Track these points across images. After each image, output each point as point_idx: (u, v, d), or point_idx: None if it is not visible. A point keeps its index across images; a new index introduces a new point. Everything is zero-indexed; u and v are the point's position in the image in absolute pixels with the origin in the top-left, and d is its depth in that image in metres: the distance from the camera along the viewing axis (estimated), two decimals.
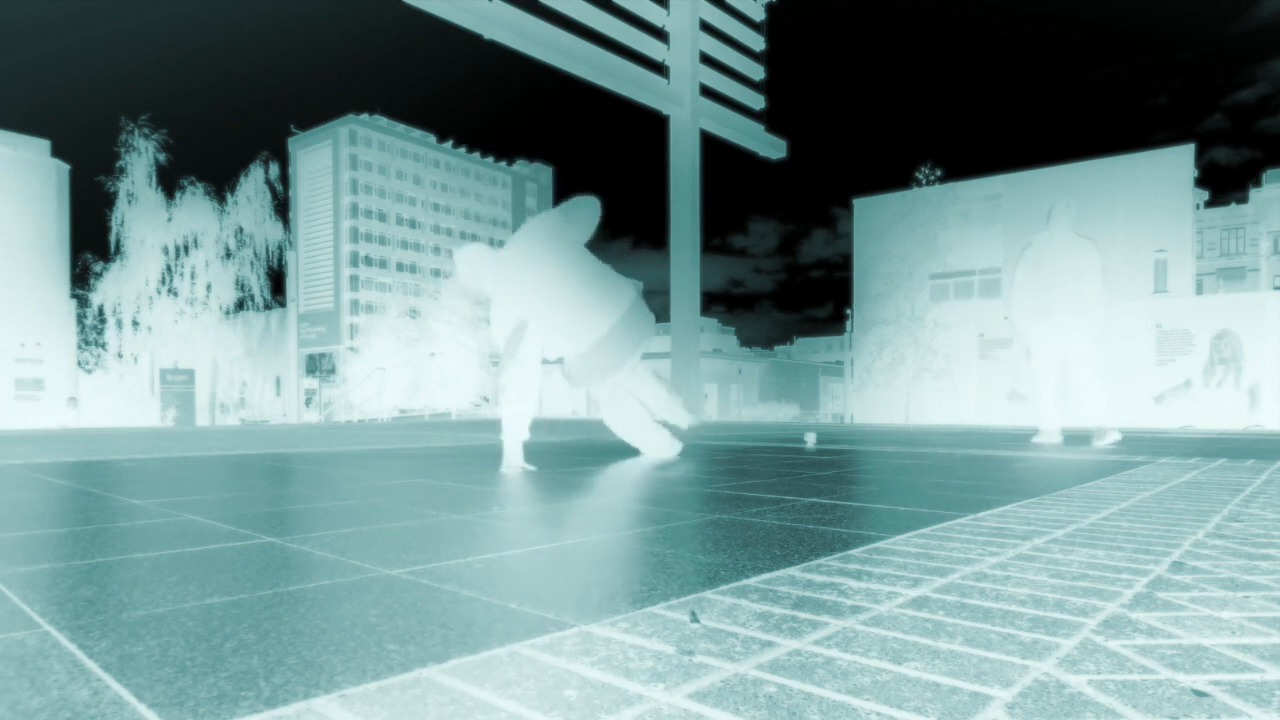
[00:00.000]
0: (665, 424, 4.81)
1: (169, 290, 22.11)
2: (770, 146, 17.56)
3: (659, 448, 4.68)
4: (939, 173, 20.68)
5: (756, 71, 17.08)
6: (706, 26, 15.67)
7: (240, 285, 23.25)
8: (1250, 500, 2.61)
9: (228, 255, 22.93)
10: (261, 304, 24.08)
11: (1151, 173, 18.27)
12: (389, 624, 1.12)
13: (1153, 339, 15.43)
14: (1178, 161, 18.19)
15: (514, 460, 3.83)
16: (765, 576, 1.44)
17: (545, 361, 4.10)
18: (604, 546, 1.78)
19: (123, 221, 21.41)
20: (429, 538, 1.92)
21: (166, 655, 0.98)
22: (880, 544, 1.78)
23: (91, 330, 21.92)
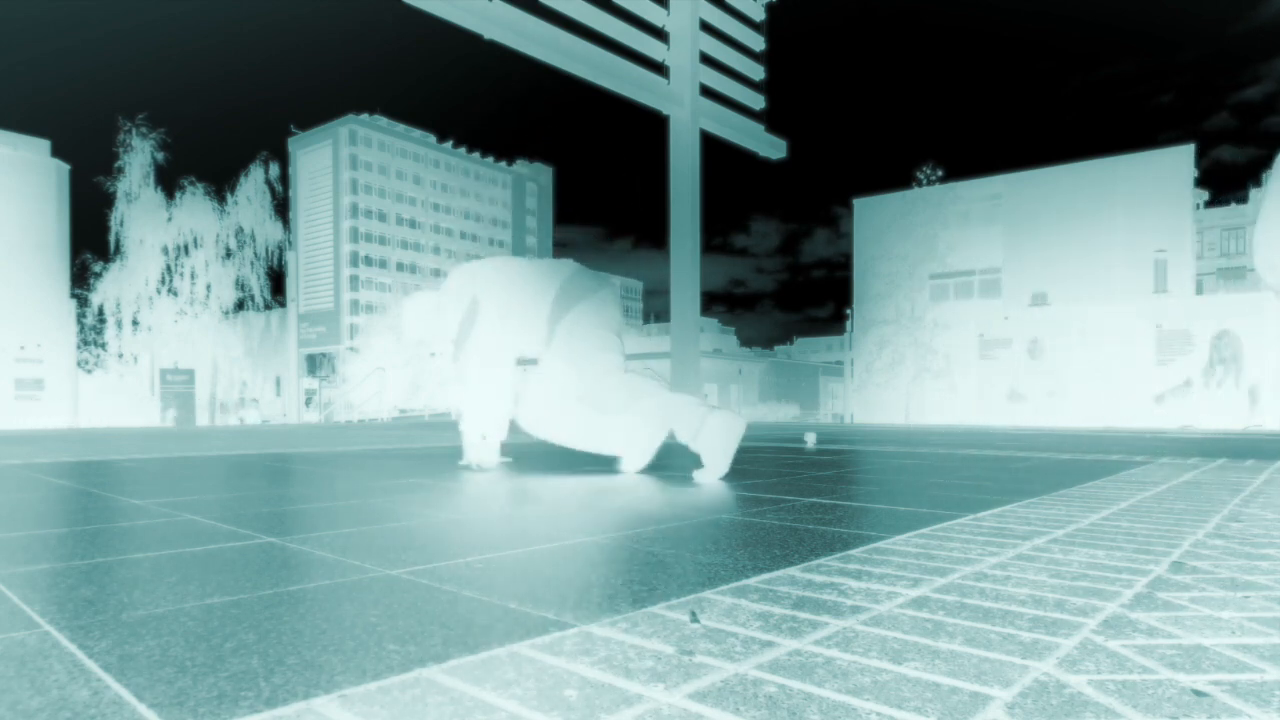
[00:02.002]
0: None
1: (169, 290, 22.11)
2: (770, 146, 17.55)
3: (630, 453, 3.78)
4: (940, 173, 20.69)
5: (756, 71, 17.08)
6: (706, 26, 15.66)
7: (240, 285, 23.25)
8: (1250, 500, 2.61)
9: (228, 255, 22.93)
10: (261, 304, 24.09)
11: (1151, 173, 18.27)
12: (389, 624, 1.12)
13: (1153, 339, 15.43)
14: (1178, 161, 18.19)
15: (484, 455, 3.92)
16: (765, 576, 1.44)
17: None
18: (604, 546, 1.78)
19: (122, 221, 21.40)
20: (429, 538, 1.92)
21: (166, 655, 0.98)
22: (880, 544, 1.78)
23: (91, 330, 21.93)
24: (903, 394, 20.19)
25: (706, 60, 15.69)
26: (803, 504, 2.53)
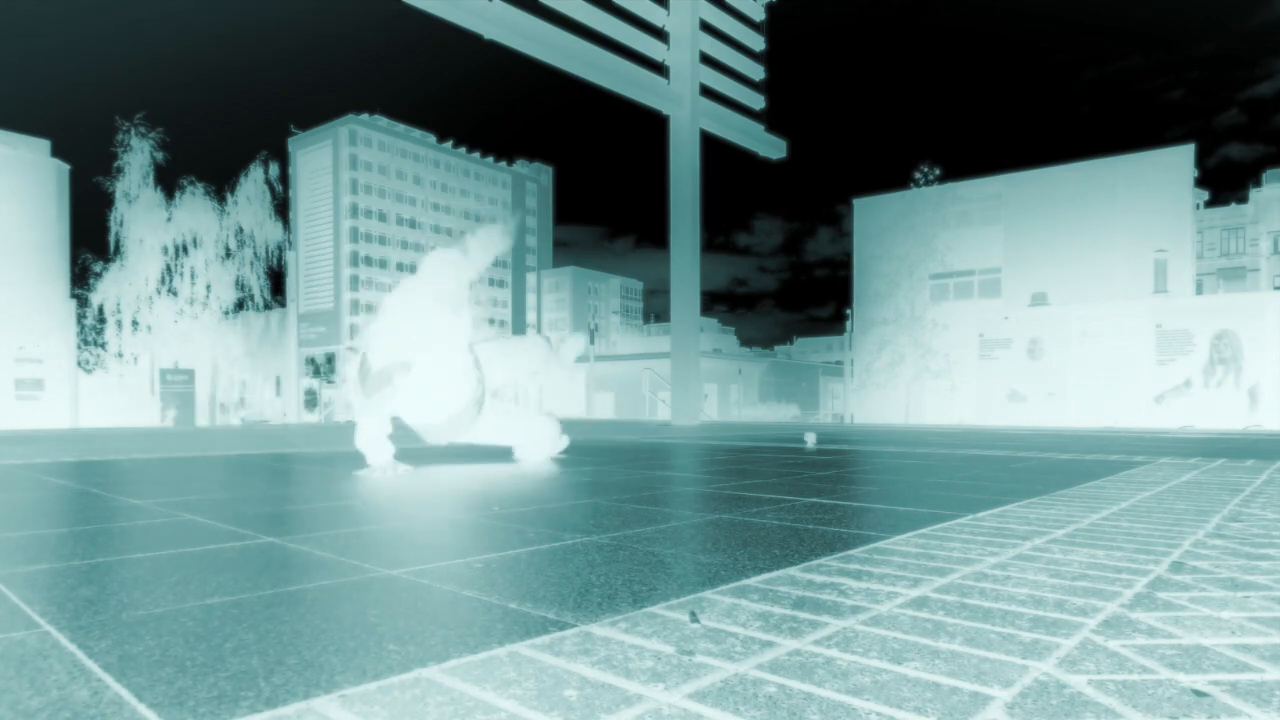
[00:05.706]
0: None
1: (169, 290, 22.09)
2: (770, 146, 17.55)
3: (539, 445, 4.55)
4: (937, 172, 20.69)
5: (756, 71, 17.08)
6: (706, 26, 15.66)
7: (240, 285, 23.21)
8: (1250, 500, 2.61)
9: (228, 255, 22.90)
10: (261, 304, 24.04)
11: (1152, 173, 18.27)
12: (389, 624, 1.12)
13: (1153, 339, 15.42)
14: (1178, 161, 18.19)
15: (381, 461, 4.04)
16: (765, 576, 1.44)
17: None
18: (604, 546, 1.78)
19: (122, 221, 21.39)
20: (429, 538, 1.92)
21: (166, 655, 0.98)
22: (880, 544, 1.78)
23: (91, 330, 21.91)
24: (903, 394, 20.20)
25: (706, 60, 15.69)
26: (803, 504, 2.53)
